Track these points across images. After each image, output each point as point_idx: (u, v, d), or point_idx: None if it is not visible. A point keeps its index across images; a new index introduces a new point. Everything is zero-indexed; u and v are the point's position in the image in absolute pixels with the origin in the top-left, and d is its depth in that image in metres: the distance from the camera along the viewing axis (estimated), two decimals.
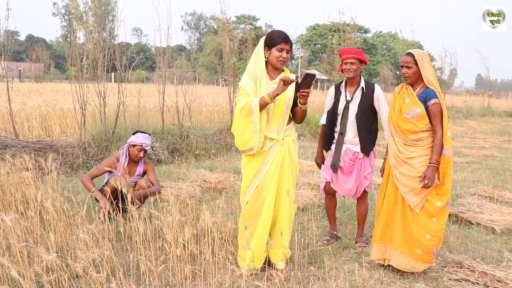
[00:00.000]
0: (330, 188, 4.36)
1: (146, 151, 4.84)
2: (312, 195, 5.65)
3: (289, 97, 3.45)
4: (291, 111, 3.56)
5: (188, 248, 3.44)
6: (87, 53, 8.12)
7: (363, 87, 4.17)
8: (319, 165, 4.52)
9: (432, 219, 3.55)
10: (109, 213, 4.25)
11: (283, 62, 3.43)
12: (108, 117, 8.22)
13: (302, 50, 49.18)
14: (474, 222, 5.01)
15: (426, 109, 3.54)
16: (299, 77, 3.43)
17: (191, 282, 3.38)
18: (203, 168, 7.28)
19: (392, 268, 3.75)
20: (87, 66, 7.97)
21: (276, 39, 3.39)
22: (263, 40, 3.46)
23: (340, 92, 4.26)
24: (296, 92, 3.27)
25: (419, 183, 3.51)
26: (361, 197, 4.36)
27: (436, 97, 3.52)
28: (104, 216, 3.76)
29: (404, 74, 3.63)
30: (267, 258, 3.66)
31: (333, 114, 4.30)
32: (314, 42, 51.23)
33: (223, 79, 30.06)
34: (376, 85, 4.25)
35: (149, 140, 4.86)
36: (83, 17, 8.30)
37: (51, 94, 16.03)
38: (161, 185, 5.01)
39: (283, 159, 3.47)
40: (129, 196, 3.74)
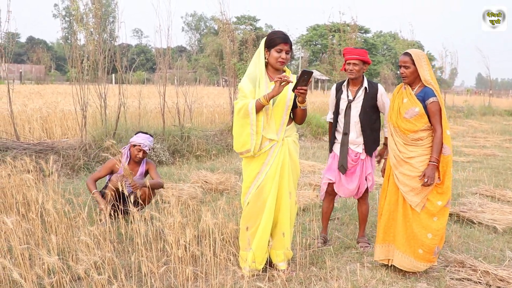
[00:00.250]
0: (333, 190, 4.35)
1: (146, 152, 4.84)
2: (314, 196, 5.65)
3: (289, 98, 3.44)
4: (292, 112, 3.56)
5: (190, 250, 3.44)
6: (88, 55, 8.13)
7: (366, 87, 4.15)
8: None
9: (433, 218, 3.55)
10: (110, 215, 4.25)
11: (283, 63, 3.42)
12: (109, 119, 8.23)
13: (303, 51, 49.21)
14: (476, 221, 5.00)
15: (425, 108, 3.53)
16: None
17: (193, 284, 3.38)
18: (204, 169, 7.28)
19: (394, 268, 3.75)
20: (88, 68, 7.98)
21: (276, 40, 3.38)
22: (264, 41, 3.47)
23: (342, 92, 4.24)
24: (294, 90, 3.25)
25: (420, 183, 3.51)
26: (362, 197, 4.35)
27: (435, 96, 3.52)
28: (106, 218, 3.76)
29: (402, 74, 3.63)
30: (269, 259, 3.66)
31: (335, 114, 4.29)
32: (315, 43, 51.21)
33: (224, 80, 30.07)
34: (379, 85, 4.25)
35: (149, 141, 4.85)
36: (84, 19, 8.30)
37: (52, 96, 16.04)
38: (163, 187, 5.01)
39: (284, 160, 3.46)
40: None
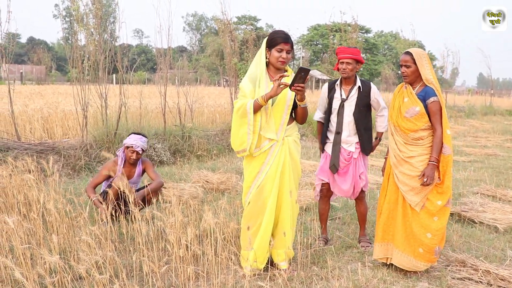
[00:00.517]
0: (328, 191, 4.34)
1: (139, 153, 4.77)
2: (315, 195, 5.64)
3: (289, 98, 3.45)
4: (293, 112, 3.56)
5: (191, 249, 3.45)
6: (89, 55, 8.14)
7: (360, 86, 4.15)
8: None
9: (433, 218, 3.55)
10: (112, 216, 4.25)
11: (283, 62, 3.42)
12: (110, 119, 8.23)
13: (304, 50, 49.20)
14: (477, 221, 5.00)
15: (426, 108, 3.53)
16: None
17: (194, 283, 3.38)
18: (205, 169, 7.28)
19: (395, 267, 3.74)
20: (89, 68, 7.98)
21: (276, 39, 3.39)
22: (265, 41, 3.47)
23: (335, 90, 4.23)
24: (291, 87, 3.24)
25: (419, 182, 3.50)
26: (359, 198, 4.33)
27: (435, 95, 3.51)
28: (106, 218, 3.77)
29: (403, 73, 3.63)
30: (270, 258, 3.66)
31: (327, 113, 4.28)
32: (316, 42, 51.17)
33: (225, 80, 30.08)
34: (371, 83, 4.26)
35: (142, 141, 4.77)
36: (84, 19, 8.31)
37: (53, 96, 16.05)
38: (164, 186, 5.00)
39: (284, 159, 3.46)
40: (131, 197, 3.74)
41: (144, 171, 4.98)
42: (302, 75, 3.16)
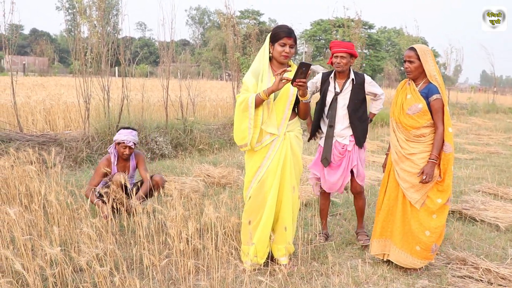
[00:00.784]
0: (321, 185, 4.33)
1: (132, 147, 4.73)
2: (315, 191, 5.63)
3: (292, 93, 3.43)
4: (296, 107, 3.55)
5: (192, 243, 3.44)
6: (91, 47, 8.12)
7: (353, 79, 4.13)
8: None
9: (433, 216, 3.54)
10: (113, 208, 4.24)
11: (286, 57, 3.41)
12: (112, 111, 8.23)
13: (306, 46, 49.05)
14: (478, 219, 4.99)
15: (428, 105, 3.52)
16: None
17: (194, 277, 3.38)
18: (207, 163, 7.28)
19: (396, 264, 3.74)
20: (91, 60, 7.98)
21: (280, 34, 3.38)
22: (269, 36, 3.46)
23: (329, 83, 4.20)
24: (292, 83, 3.22)
25: (419, 179, 3.50)
26: (358, 192, 4.30)
27: (438, 93, 3.50)
28: (108, 211, 3.77)
29: (407, 69, 3.61)
30: (270, 254, 3.66)
31: (321, 106, 4.25)
32: (318, 38, 51.01)
33: (227, 74, 30.05)
34: (365, 75, 4.24)
35: (132, 135, 4.72)
36: (87, 11, 8.29)
37: (55, 88, 16.06)
38: (165, 180, 4.98)
39: (286, 154, 3.46)
40: (134, 193, 3.74)
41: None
42: (303, 70, 3.14)
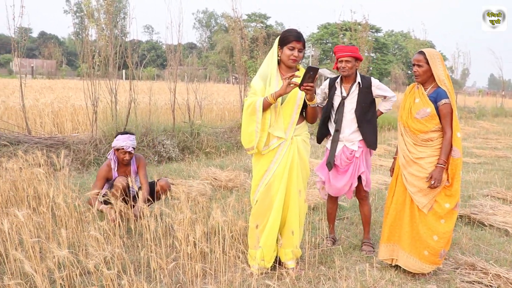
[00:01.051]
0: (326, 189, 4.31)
1: (131, 152, 4.67)
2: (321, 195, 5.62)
3: (299, 97, 3.43)
4: (304, 111, 3.54)
5: (199, 246, 3.44)
6: (99, 50, 8.17)
7: (360, 82, 4.10)
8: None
9: (440, 221, 3.52)
10: (120, 211, 4.25)
11: (295, 61, 3.41)
12: (119, 114, 8.26)
13: (313, 49, 49.08)
14: (487, 224, 4.95)
15: (437, 110, 3.50)
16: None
17: (202, 280, 3.38)
18: (214, 166, 7.28)
19: (403, 269, 3.72)
20: (99, 63, 8.02)
21: (288, 37, 3.38)
22: (278, 39, 3.46)
23: (335, 88, 4.18)
24: (300, 87, 3.22)
25: (427, 184, 3.48)
26: (363, 198, 4.27)
27: (447, 97, 3.48)
28: (116, 214, 3.78)
29: (415, 73, 3.60)
30: (278, 258, 3.65)
31: (327, 110, 4.23)
32: (325, 41, 51.08)
33: (234, 77, 30.10)
34: (372, 78, 4.20)
35: (130, 140, 4.65)
36: (95, 15, 8.34)
37: (63, 91, 16.16)
38: (170, 184, 4.97)
39: (292, 159, 3.45)
40: (142, 193, 3.74)
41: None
42: (311, 75, 3.14)
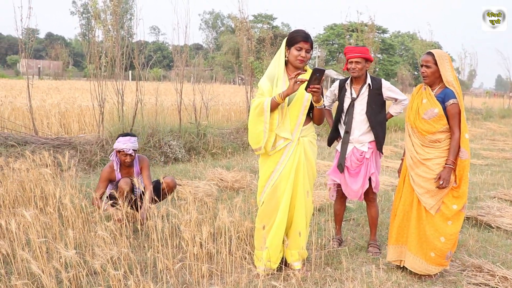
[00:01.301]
0: (343, 192, 4.30)
1: (132, 154, 4.62)
2: (330, 196, 5.61)
3: (306, 98, 3.42)
4: (311, 112, 3.53)
5: (205, 247, 3.45)
6: (105, 51, 8.20)
7: (370, 84, 4.08)
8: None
9: (448, 222, 3.50)
10: (127, 213, 4.25)
11: (302, 61, 3.40)
12: (126, 115, 8.29)
13: (319, 50, 49.01)
14: (494, 226, 4.92)
15: (444, 110, 3.48)
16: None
17: (208, 281, 3.38)
18: (220, 167, 7.29)
19: (410, 271, 3.70)
20: (105, 64, 8.05)
21: (296, 38, 3.37)
22: (285, 40, 3.46)
23: (345, 90, 4.17)
24: (306, 89, 3.21)
25: (435, 185, 3.46)
26: (370, 200, 4.25)
27: (455, 98, 3.46)
28: (122, 215, 3.79)
29: (423, 73, 3.59)
30: (284, 259, 3.65)
31: (338, 112, 4.22)
32: (332, 42, 51.01)
33: (240, 78, 30.13)
34: (382, 79, 4.17)
35: (131, 142, 4.60)
36: (102, 16, 8.37)
37: (70, 92, 16.24)
38: (176, 182, 4.97)
39: (299, 160, 3.44)
40: (146, 195, 3.75)
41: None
42: (317, 76, 3.13)
